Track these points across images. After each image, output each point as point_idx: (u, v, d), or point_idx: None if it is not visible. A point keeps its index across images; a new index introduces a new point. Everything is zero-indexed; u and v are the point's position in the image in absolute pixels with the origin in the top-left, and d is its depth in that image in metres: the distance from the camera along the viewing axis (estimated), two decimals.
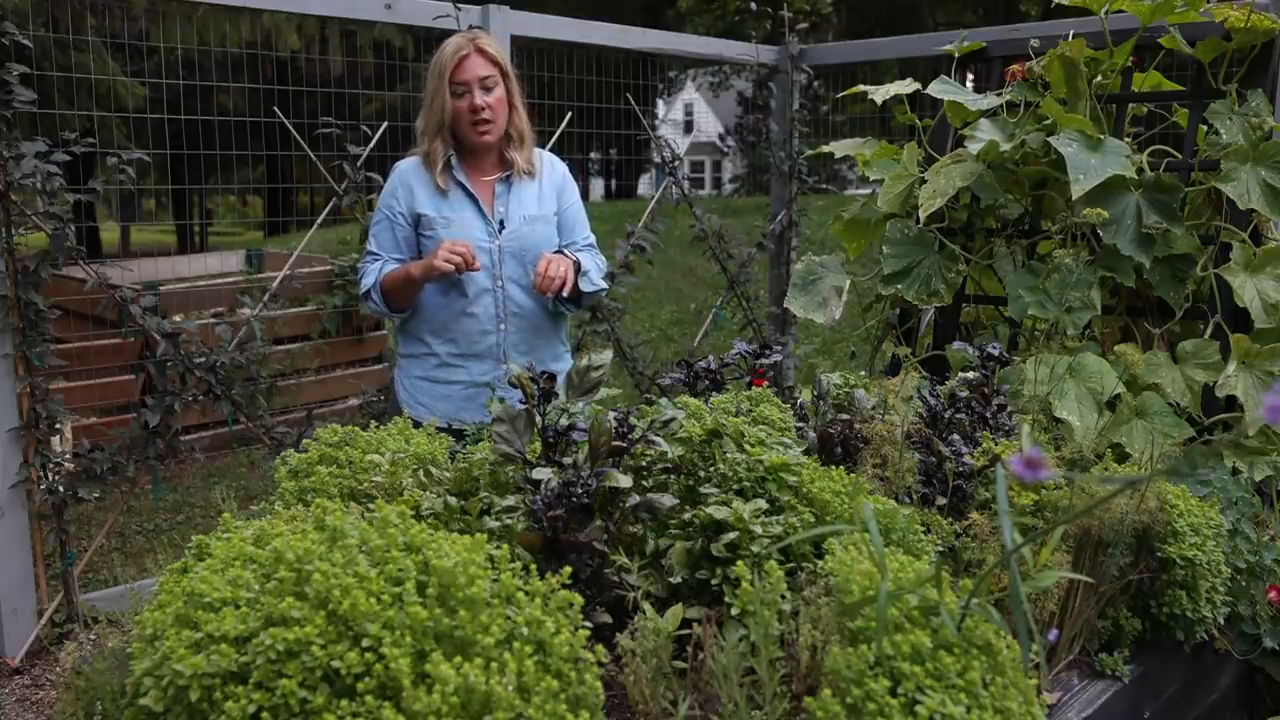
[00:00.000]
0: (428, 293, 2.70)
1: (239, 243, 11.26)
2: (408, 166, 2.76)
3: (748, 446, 1.55)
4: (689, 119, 26.99)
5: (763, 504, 1.44)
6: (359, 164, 3.79)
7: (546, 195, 2.82)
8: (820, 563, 1.35)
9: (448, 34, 3.76)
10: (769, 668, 1.19)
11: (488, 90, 2.67)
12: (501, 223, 2.72)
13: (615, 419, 1.51)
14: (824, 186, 5.75)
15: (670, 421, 1.56)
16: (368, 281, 2.71)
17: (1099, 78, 2.75)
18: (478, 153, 2.76)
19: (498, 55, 2.72)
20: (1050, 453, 1.97)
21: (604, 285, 2.87)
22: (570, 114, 4.59)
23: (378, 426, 1.81)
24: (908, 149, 2.86)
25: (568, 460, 1.48)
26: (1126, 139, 2.70)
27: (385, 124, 3.94)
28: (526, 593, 1.11)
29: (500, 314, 2.71)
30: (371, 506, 1.39)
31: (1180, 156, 2.66)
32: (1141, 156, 2.63)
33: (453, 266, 2.53)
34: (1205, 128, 2.65)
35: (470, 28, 3.78)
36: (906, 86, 2.95)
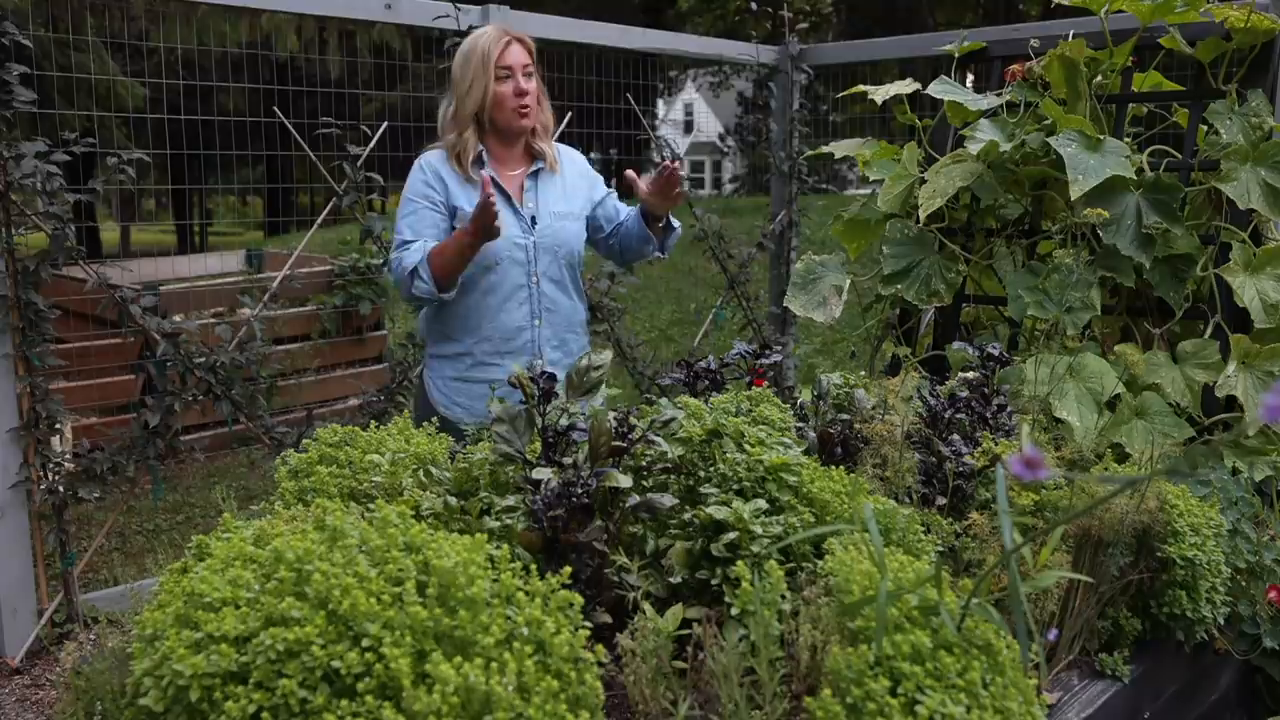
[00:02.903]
0: (461, 291, 2.66)
1: (239, 243, 11.27)
2: (436, 159, 2.70)
3: (748, 446, 1.55)
4: (689, 119, 26.95)
5: (763, 504, 1.44)
6: (359, 164, 3.79)
7: (571, 190, 2.81)
8: (820, 563, 1.35)
9: (447, 34, 3.78)
10: (769, 668, 1.19)
11: (528, 77, 2.69)
12: (533, 219, 2.72)
13: (615, 419, 1.51)
14: (824, 186, 5.75)
15: (670, 421, 1.56)
16: (411, 259, 2.57)
17: (1099, 78, 2.75)
18: (508, 144, 2.75)
19: (532, 47, 2.74)
20: (1050, 453, 1.97)
21: (679, 229, 2.90)
22: (570, 114, 4.59)
23: (378, 426, 1.81)
24: (908, 149, 2.86)
25: (568, 460, 1.48)
26: (1126, 139, 2.70)
27: (385, 124, 3.94)
28: (526, 593, 1.11)
29: (535, 310, 2.71)
30: (371, 506, 1.39)
31: (1180, 156, 2.66)
32: (1141, 156, 2.63)
33: (493, 208, 2.42)
34: (1205, 128, 2.65)
35: (470, 28, 3.79)
36: (906, 86, 2.95)
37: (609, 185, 2.98)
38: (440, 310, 2.71)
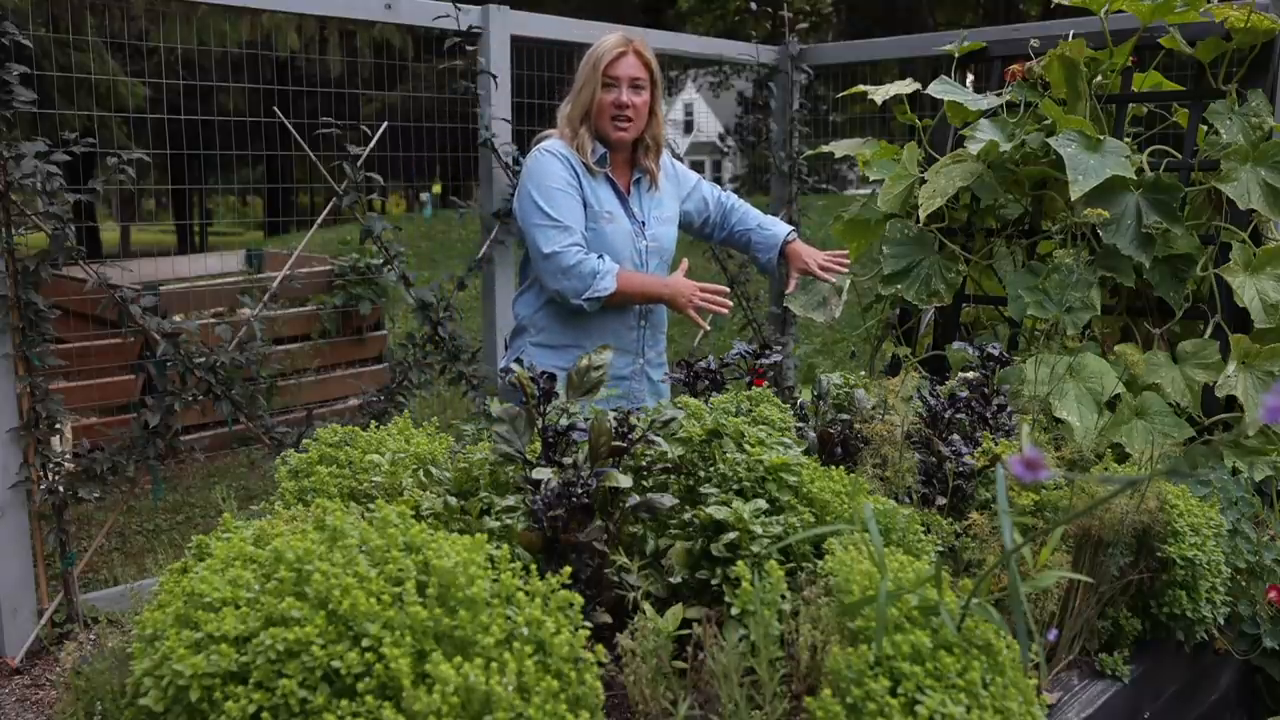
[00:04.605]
0: None
1: (239, 243, 11.27)
2: (563, 148, 2.73)
3: (748, 446, 1.55)
4: (689, 119, 26.99)
5: (763, 504, 1.44)
6: (359, 164, 3.79)
7: (665, 195, 2.89)
8: (820, 563, 1.35)
9: (447, 34, 3.78)
10: (769, 668, 1.19)
11: (636, 91, 2.72)
12: (643, 223, 2.80)
13: (615, 419, 1.51)
14: (824, 186, 5.75)
15: (670, 421, 1.56)
16: (607, 284, 2.63)
17: (1099, 78, 2.75)
18: (614, 150, 2.79)
19: (651, 61, 2.76)
20: (1050, 453, 1.97)
21: None
22: None
23: (378, 426, 1.81)
24: (908, 149, 2.86)
25: (568, 460, 1.48)
26: (1126, 139, 2.70)
27: (385, 124, 3.94)
28: (526, 593, 1.11)
29: (642, 311, 2.82)
30: (371, 506, 1.39)
31: (1180, 156, 2.66)
32: (1141, 156, 2.63)
33: (722, 310, 2.66)
34: (1205, 128, 2.65)
35: (470, 28, 3.79)
36: (906, 86, 2.95)
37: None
38: (554, 304, 2.77)
